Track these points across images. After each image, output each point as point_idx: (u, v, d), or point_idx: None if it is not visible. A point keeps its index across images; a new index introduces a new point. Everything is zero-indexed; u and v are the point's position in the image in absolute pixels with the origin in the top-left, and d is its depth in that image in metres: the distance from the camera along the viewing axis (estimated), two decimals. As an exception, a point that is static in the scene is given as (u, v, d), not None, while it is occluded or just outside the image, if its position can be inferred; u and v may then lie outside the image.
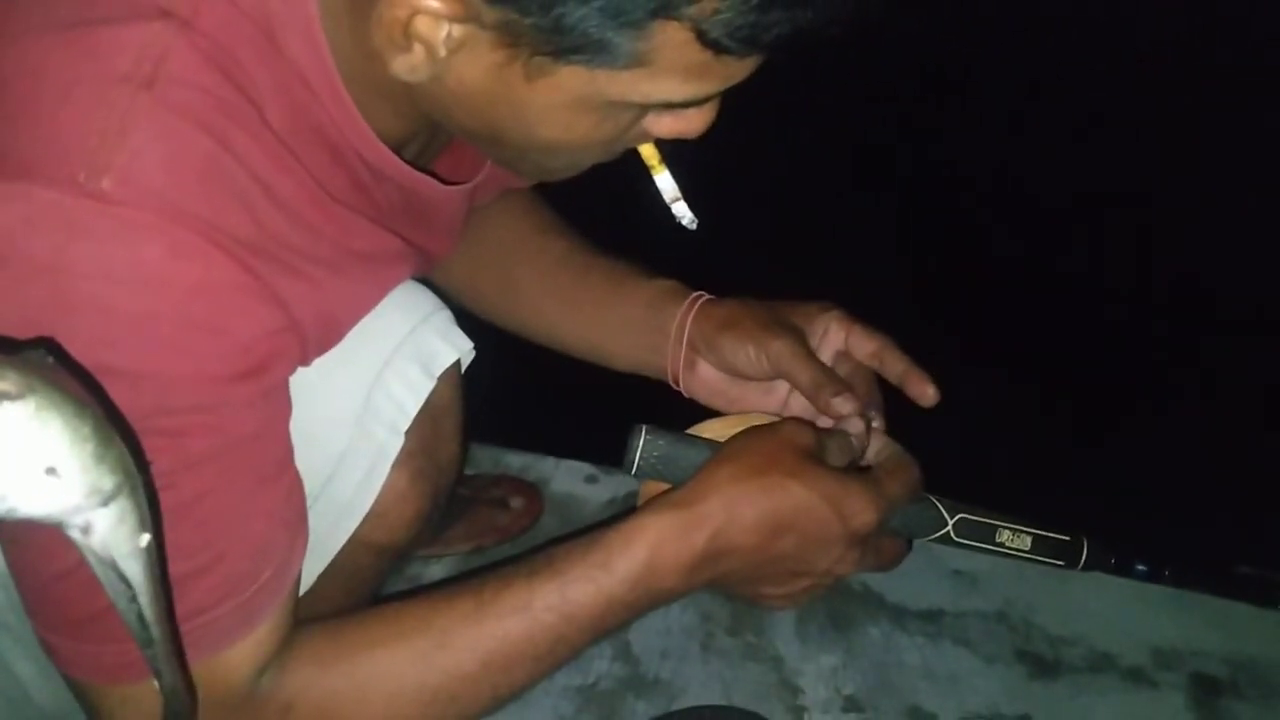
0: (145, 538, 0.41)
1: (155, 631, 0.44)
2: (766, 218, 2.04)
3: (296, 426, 0.67)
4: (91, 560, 0.41)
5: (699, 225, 0.78)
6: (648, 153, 0.75)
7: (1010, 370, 1.80)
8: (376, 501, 0.81)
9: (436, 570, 1.23)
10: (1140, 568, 0.91)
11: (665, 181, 0.77)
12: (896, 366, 0.87)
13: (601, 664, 1.15)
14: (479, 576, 0.73)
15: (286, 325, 0.63)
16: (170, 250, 0.56)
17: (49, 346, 0.42)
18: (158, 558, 0.43)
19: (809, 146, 2.25)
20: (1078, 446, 1.71)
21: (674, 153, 0.75)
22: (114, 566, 0.41)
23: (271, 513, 0.65)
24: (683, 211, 0.78)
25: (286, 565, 0.67)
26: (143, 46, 0.56)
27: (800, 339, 0.86)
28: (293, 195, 0.62)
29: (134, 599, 0.42)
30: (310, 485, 0.70)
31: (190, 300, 0.57)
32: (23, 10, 0.58)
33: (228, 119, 0.58)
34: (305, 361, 0.68)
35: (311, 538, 0.70)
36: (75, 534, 0.39)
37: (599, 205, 1.02)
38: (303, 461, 0.68)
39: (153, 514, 0.43)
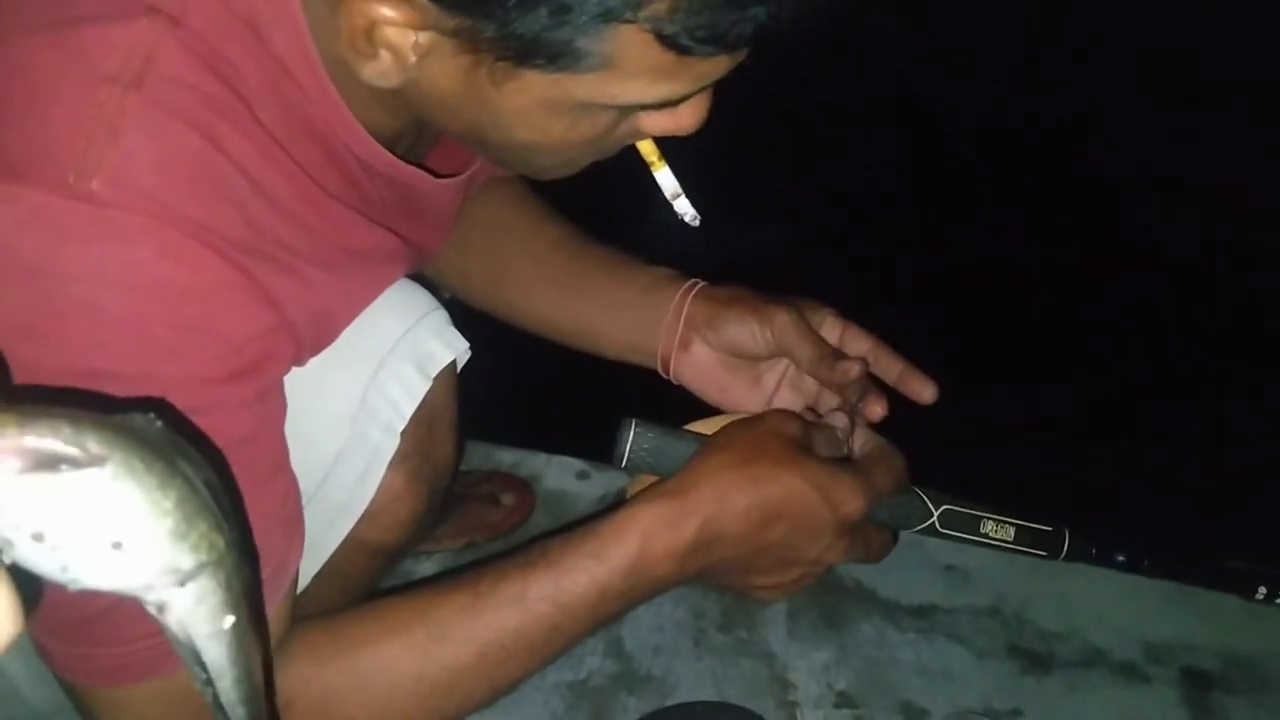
0: (229, 620, 0.37)
1: (236, 715, 0.41)
2: (762, 221, 2.04)
3: (292, 427, 0.67)
4: (169, 638, 0.37)
5: (701, 223, 0.77)
6: (646, 149, 0.75)
7: (1006, 368, 1.80)
8: (372, 502, 0.81)
9: (428, 566, 1.23)
10: (1120, 558, 0.92)
11: (665, 178, 0.76)
12: (893, 366, 0.87)
13: (594, 660, 1.15)
14: (474, 570, 0.73)
15: (279, 325, 0.63)
16: (161, 252, 0.56)
17: (158, 408, 0.37)
18: (248, 639, 0.39)
19: (805, 152, 2.25)
20: (1069, 441, 1.72)
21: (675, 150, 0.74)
22: (191, 648, 0.38)
23: (268, 514, 0.64)
24: (685, 208, 0.77)
25: (283, 566, 0.67)
26: (131, 45, 0.55)
27: (802, 315, 0.86)
28: (285, 193, 0.62)
29: (209, 682, 0.39)
30: (305, 485, 0.70)
31: (182, 302, 0.57)
32: (10, 8, 0.57)
33: (218, 117, 0.58)
34: (299, 361, 0.67)
35: (306, 538, 0.70)
36: (151, 610, 0.36)
37: (598, 208, 1.02)
38: (298, 462, 0.68)
39: (253, 591, 0.39)
